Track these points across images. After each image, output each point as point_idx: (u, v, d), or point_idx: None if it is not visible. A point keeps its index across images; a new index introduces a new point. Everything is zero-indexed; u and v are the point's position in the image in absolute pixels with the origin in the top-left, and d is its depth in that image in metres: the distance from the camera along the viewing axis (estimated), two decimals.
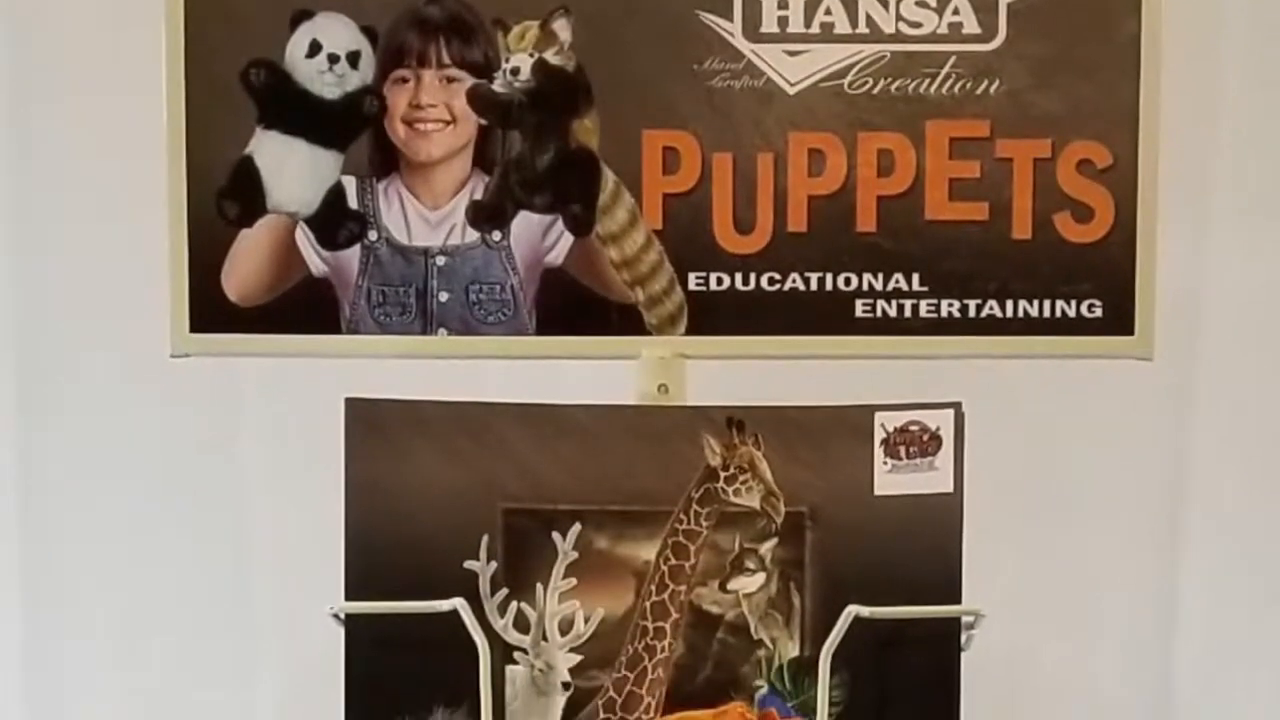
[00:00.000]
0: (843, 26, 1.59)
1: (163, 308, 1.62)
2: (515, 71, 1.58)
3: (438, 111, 1.60)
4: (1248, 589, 2.07)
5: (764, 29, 1.59)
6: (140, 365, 1.90)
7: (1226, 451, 2.05)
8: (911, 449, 1.51)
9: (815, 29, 1.59)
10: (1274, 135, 2.02)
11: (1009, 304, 1.60)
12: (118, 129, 1.93)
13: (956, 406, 1.52)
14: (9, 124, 2.03)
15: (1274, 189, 2.02)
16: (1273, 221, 2.02)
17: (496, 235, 1.61)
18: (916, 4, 1.59)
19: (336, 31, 1.59)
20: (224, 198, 1.60)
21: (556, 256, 1.61)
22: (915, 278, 1.60)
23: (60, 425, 2.05)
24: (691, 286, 1.60)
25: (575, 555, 1.51)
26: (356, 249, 1.61)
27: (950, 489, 1.51)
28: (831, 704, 1.46)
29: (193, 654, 2.01)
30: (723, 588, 1.52)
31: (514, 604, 1.50)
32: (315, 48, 1.58)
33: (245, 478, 2.04)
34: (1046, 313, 1.61)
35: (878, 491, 1.51)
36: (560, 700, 1.50)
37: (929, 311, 1.60)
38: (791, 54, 1.59)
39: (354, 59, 1.58)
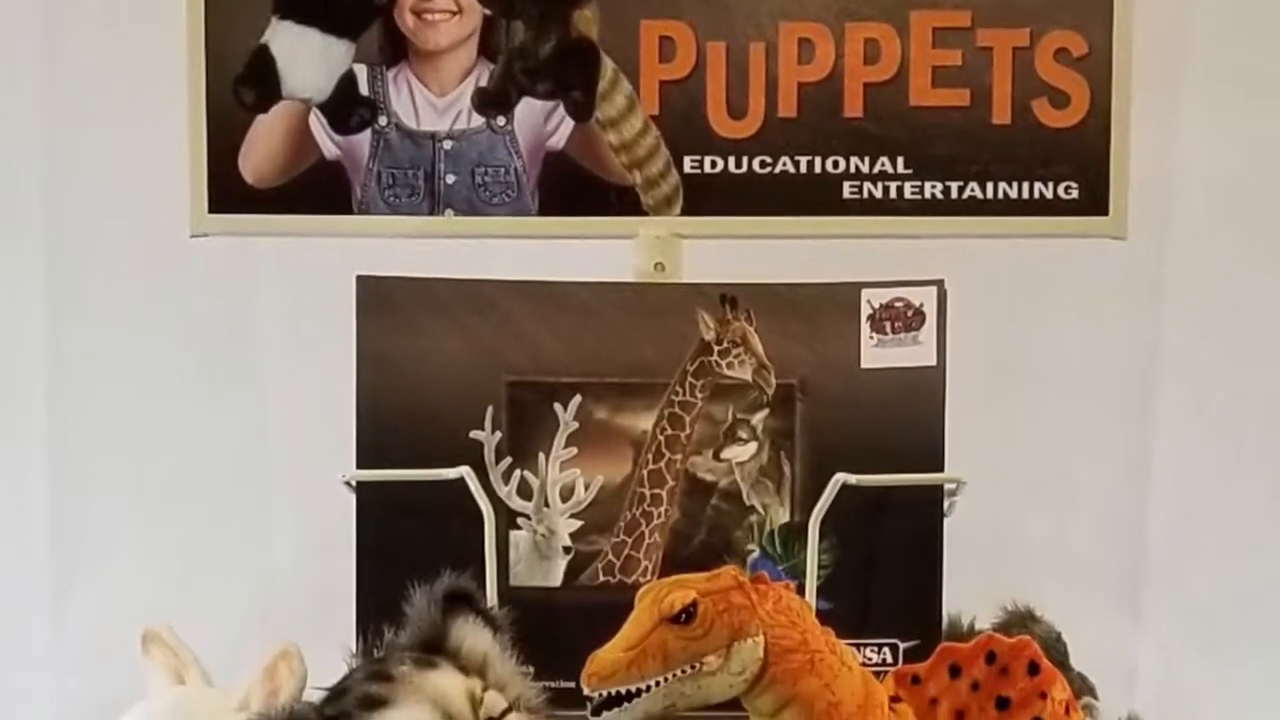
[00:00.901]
0: None
1: (183, 190, 1.64)
2: None
3: (444, 2, 1.60)
4: (1217, 455, 2.09)
5: None
6: (162, 245, 1.91)
7: (1196, 325, 2.07)
8: (896, 324, 1.53)
9: None
10: (1243, 23, 2.02)
11: (989, 186, 1.62)
12: (140, 20, 1.93)
13: (939, 284, 1.54)
14: (37, 13, 2.03)
15: (1243, 75, 2.03)
16: (1240, 106, 2.03)
17: (501, 120, 1.62)
18: None
19: None
20: (241, 85, 1.62)
21: (558, 141, 1.62)
22: (900, 161, 1.62)
23: (87, 301, 2.07)
24: (687, 169, 1.62)
25: (575, 425, 1.52)
26: (367, 134, 1.63)
27: (933, 362, 1.53)
28: (820, 567, 1.49)
29: (212, 519, 2.04)
30: (716, 456, 1.54)
31: (517, 472, 1.52)
32: None
33: (261, 352, 2.07)
34: (1025, 194, 1.63)
35: (864, 364, 1.53)
36: (561, 563, 1.52)
37: (913, 193, 1.62)
38: None
39: None
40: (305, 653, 1.33)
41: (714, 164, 1.62)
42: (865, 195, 1.62)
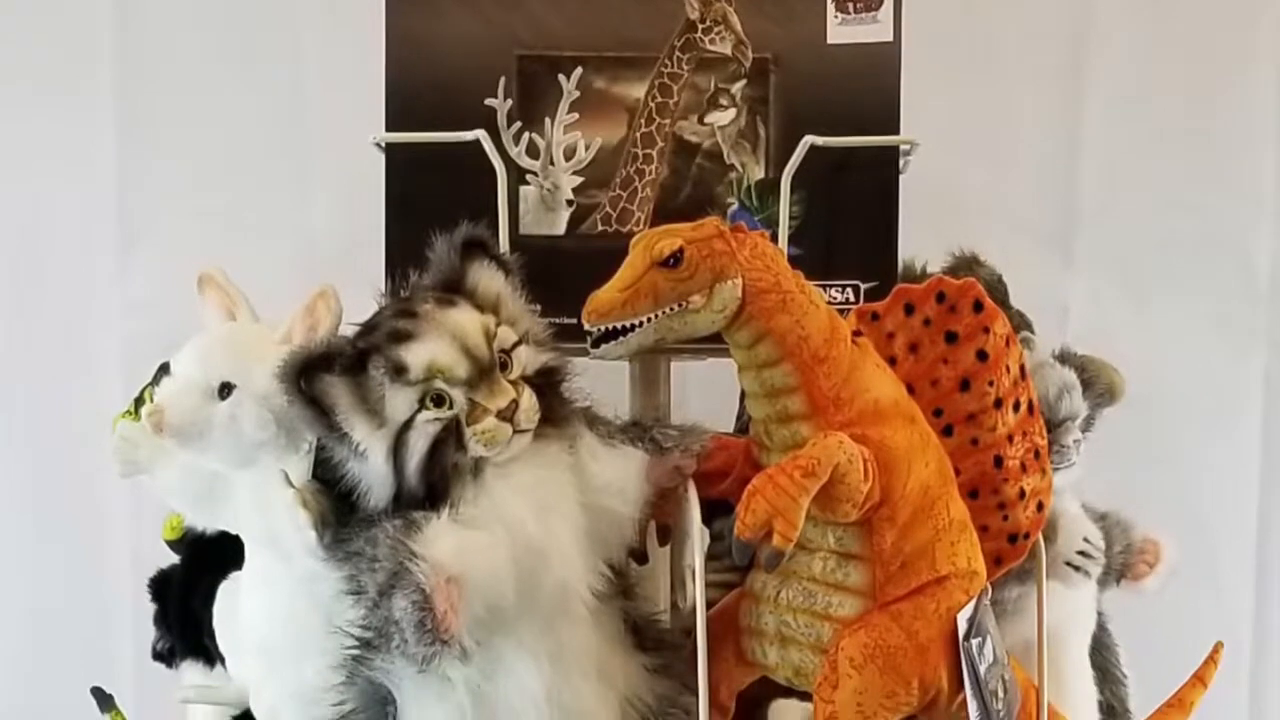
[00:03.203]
0: None
1: None
2: None
3: None
4: (1142, 123, 2.11)
5: None
6: None
7: (1122, 7, 2.07)
8: (858, 4, 1.53)
9: None
10: None
11: None
12: None
13: None
14: None
15: None
16: None
17: None
18: None
19: None
20: None
21: None
22: None
23: None
24: None
25: (577, 94, 1.54)
26: None
27: (890, 39, 1.54)
28: (791, 218, 1.52)
29: (260, 178, 2.06)
30: (701, 121, 1.56)
31: (526, 135, 1.54)
32: None
33: (302, 30, 2.07)
34: None
35: (830, 40, 1.55)
36: (564, 215, 1.55)
37: None
38: None
39: None
40: (340, 293, 1.35)
41: None
42: None
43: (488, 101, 1.52)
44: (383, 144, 1.53)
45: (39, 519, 2.11)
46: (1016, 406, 1.38)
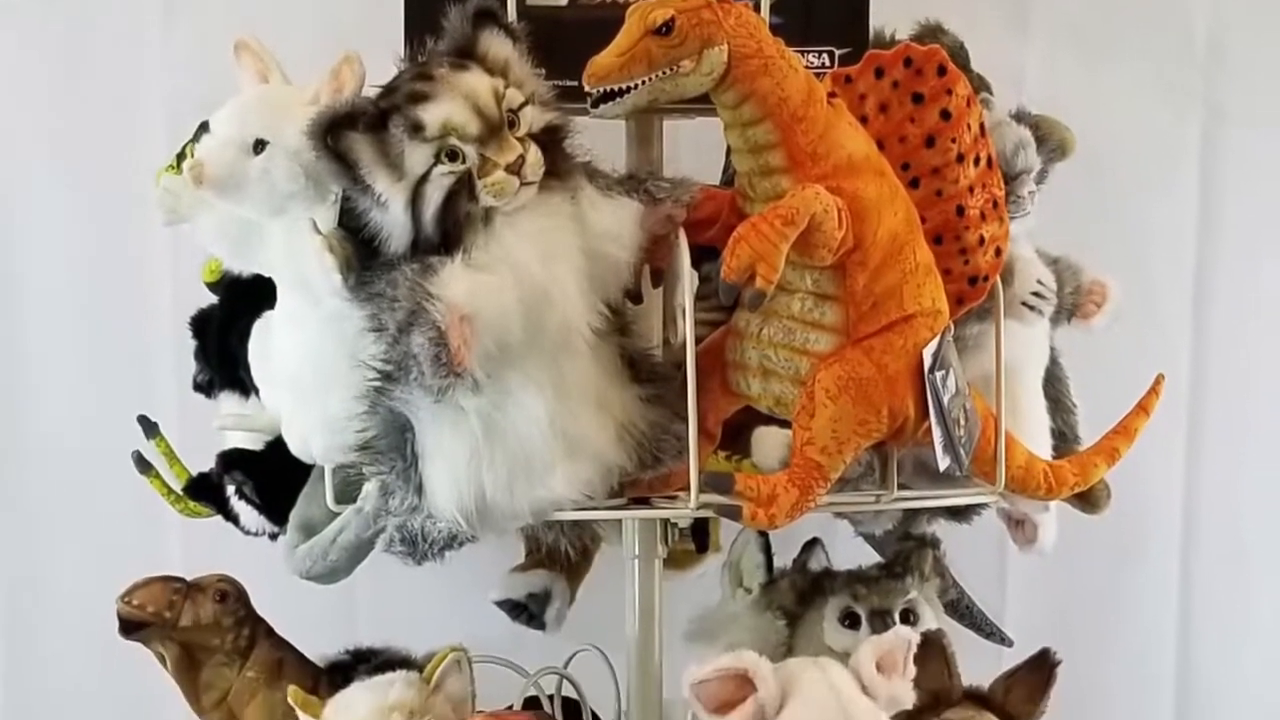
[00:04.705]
0: None
1: None
2: None
3: None
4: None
5: None
6: None
7: None
8: None
9: None
10: None
11: None
12: None
13: None
14: None
15: None
16: None
17: None
18: None
19: None
20: None
21: None
22: None
23: None
24: None
25: None
26: None
27: None
28: None
29: None
30: None
31: None
32: None
33: None
34: None
35: None
36: None
37: None
38: None
39: None
40: (363, 59, 1.36)
41: None
42: None
43: None
44: None
45: (92, 264, 2.10)
46: (977, 161, 1.39)
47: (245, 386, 1.57)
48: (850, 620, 1.67)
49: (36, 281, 2.11)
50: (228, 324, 1.59)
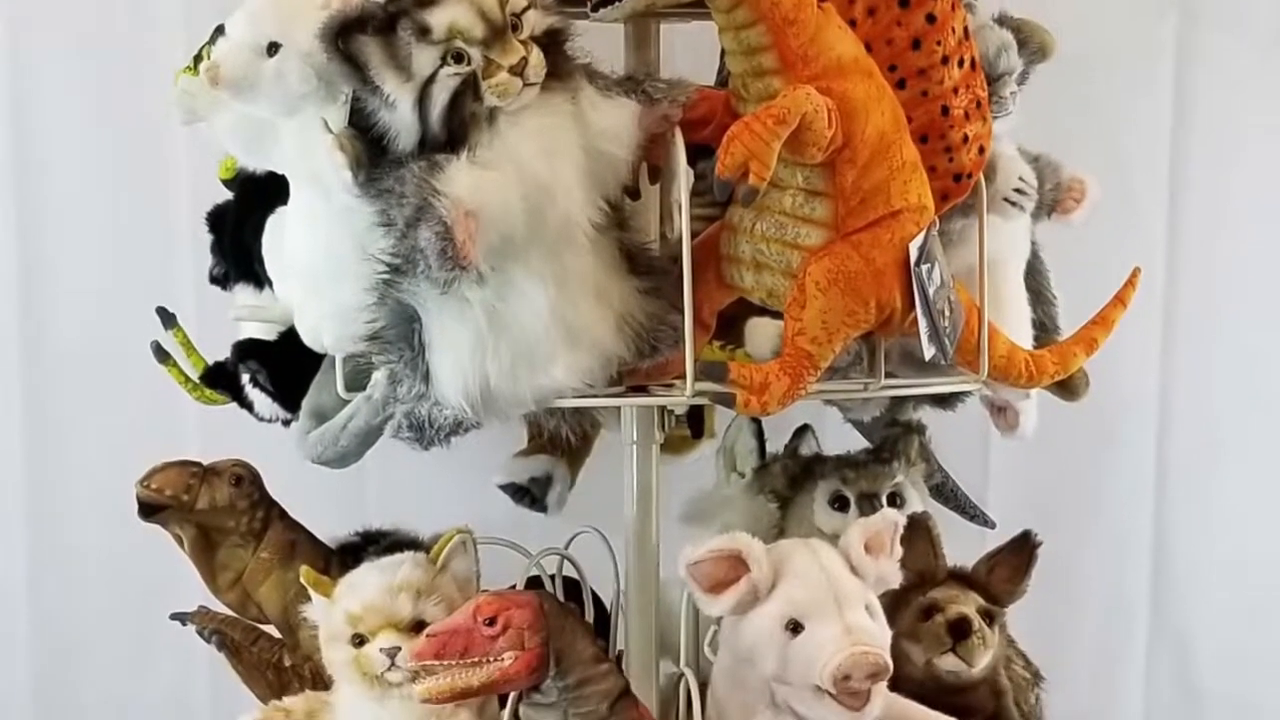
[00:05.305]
0: None
1: None
2: None
3: None
4: None
5: None
6: None
7: None
8: None
9: None
10: None
11: None
12: None
13: None
14: None
15: None
16: None
17: None
18: None
19: None
20: None
21: None
22: None
23: None
24: None
25: None
26: None
27: None
28: None
29: None
30: None
31: None
32: None
33: None
34: None
35: None
36: None
37: None
38: None
39: None
40: None
41: None
42: None
43: None
44: None
45: (113, 162, 2.10)
46: (961, 63, 1.39)
47: (259, 279, 1.59)
48: (839, 503, 1.70)
49: (60, 180, 2.11)
50: (243, 219, 1.59)
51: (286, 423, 1.63)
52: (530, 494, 1.89)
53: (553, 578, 1.67)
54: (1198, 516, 2.25)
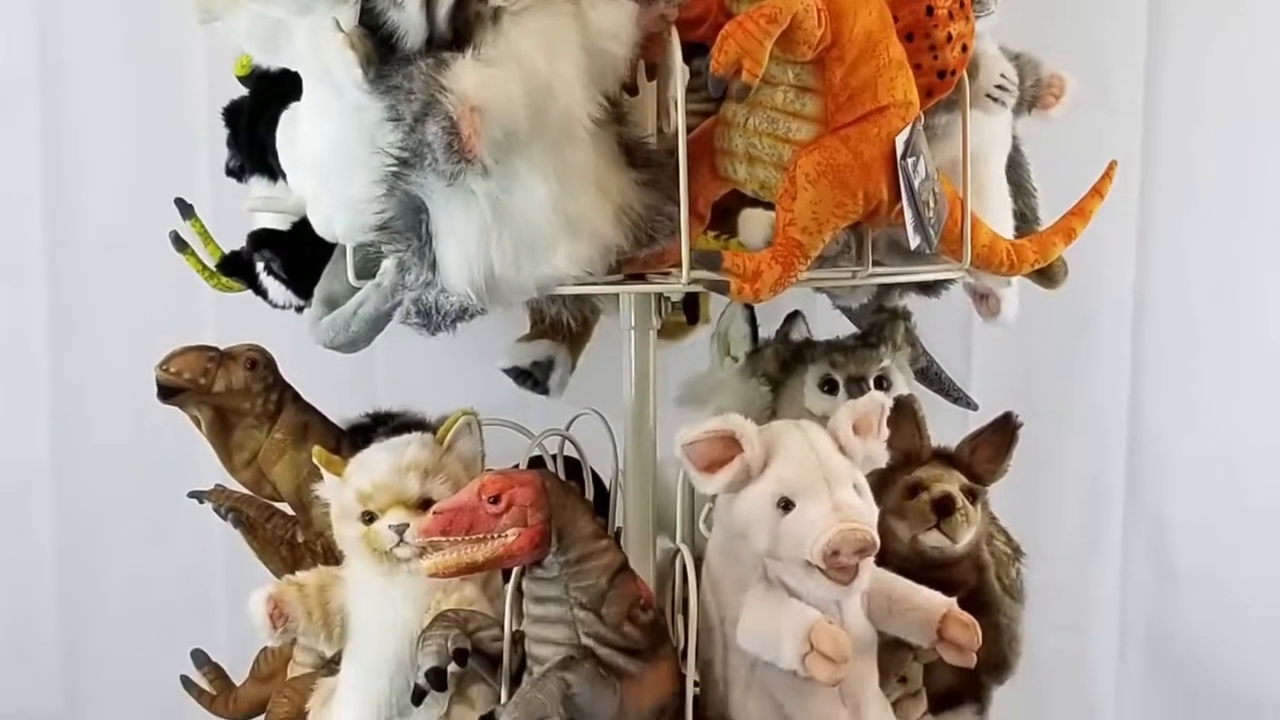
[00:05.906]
0: None
1: None
2: None
3: None
4: None
5: None
6: None
7: None
8: None
9: None
10: None
11: None
12: None
13: None
14: None
15: None
16: None
17: None
18: None
19: None
20: None
21: None
22: None
23: None
24: None
25: None
26: None
27: None
28: None
29: None
30: None
31: None
32: None
33: None
34: None
35: None
36: None
37: None
38: None
39: None
40: None
41: None
42: None
43: None
44: None
45: (133, 59, 2.12)
46: None
47: (274, 171, 1.59)
48: (829, 386, 1.72)
49: (82, 77, 2.12)
50: (258, 114, 1.61)
51: (299, 309, 1.65)
52: (532, 377, 1.90)
53: (554, 457, 1.69)
54: (1172, 400, 2.28)
